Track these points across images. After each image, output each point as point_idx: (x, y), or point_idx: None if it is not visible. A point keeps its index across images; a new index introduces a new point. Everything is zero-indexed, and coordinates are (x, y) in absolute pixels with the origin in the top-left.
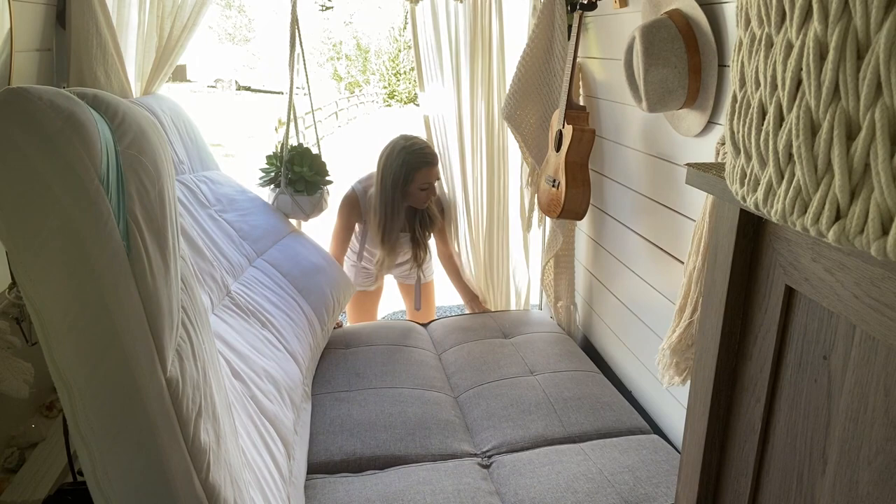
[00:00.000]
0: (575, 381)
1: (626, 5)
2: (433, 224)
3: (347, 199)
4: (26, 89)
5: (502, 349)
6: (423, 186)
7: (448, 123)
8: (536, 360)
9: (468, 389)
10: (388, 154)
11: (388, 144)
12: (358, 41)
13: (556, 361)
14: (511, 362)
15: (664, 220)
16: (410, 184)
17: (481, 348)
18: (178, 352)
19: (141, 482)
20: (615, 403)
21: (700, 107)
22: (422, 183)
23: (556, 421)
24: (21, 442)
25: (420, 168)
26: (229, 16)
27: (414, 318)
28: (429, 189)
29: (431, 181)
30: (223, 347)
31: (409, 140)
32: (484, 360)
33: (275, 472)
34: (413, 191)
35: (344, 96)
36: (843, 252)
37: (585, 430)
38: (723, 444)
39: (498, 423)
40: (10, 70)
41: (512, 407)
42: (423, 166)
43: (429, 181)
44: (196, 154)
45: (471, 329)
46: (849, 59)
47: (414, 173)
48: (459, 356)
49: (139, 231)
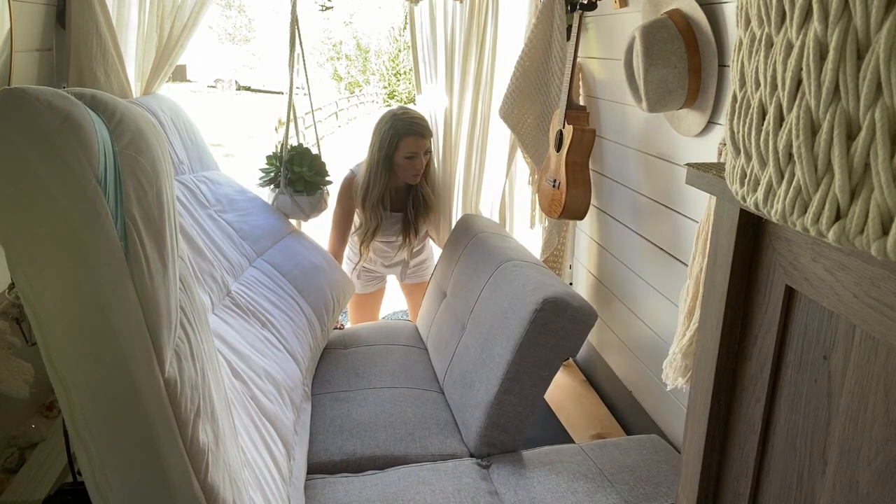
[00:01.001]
0: (489, 301)
1: (626, 5)
2: (427, 206)
3: (345, 182)
4: (24, 89)
5: (444, 315)
6: (408, 155)
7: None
8: (461, 307)
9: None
10: (380, 120)
11: (385, 112)
12: (358, 41)
13: (471, 288)
14: (450, 326)
15: (664, 220)
16: (396, 151)
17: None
18: (177, 352)
19: (139, 483)
20: (519, 287)
21: (700, 107)
22: (406, 151)
23: (485, 366)
24: (21, 442)
25: (406, 135)
26: (229, 16)
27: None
28: (414, 159)
29: (417, 151)
30: (223, 347)
31: (402, 109)
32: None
33: (275, 472)
34: (399, 160)
35: (344, 96)
36: (843, 252)
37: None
38: (723, 444)
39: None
40: (10, 70)
41: (463, 385)
42: (410, 134)
43: (414, 150)
44: (196, 154)
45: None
46: (849, 59)
47: (399, 140)
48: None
49: (137, 231)
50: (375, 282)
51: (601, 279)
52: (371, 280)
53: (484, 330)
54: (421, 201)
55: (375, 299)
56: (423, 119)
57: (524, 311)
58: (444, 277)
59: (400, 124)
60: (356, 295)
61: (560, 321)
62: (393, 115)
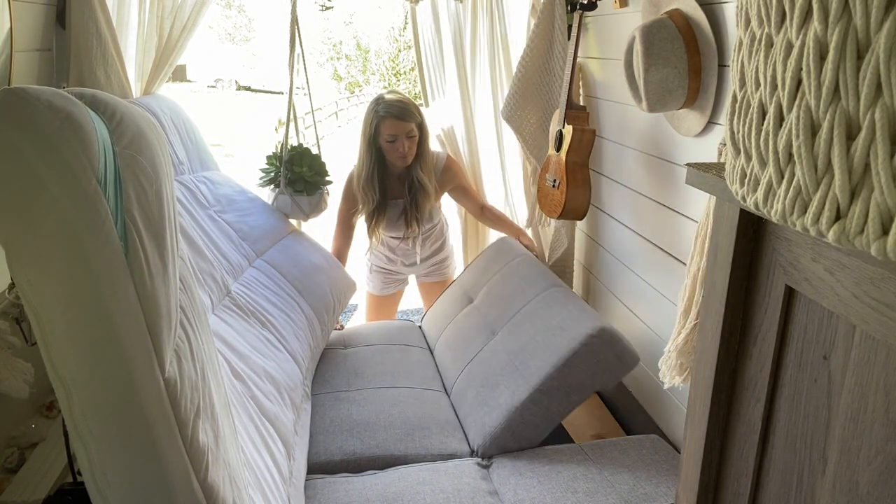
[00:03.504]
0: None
1: (626, 5)
2: (424, 190)
3: (348, 176)
4: (24, 89)
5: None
6: (389, 139)
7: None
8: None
9: (454, 383)
10: (368, 104)
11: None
12: (358, 41)
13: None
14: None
15: (664, 220)
16: (378, 135)
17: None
18: (177, 352)
19: (139, 482)
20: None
21: (700, 107)
22: (387, 135)
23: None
24: (21, 442)
25: (385, 118)
26: (229, 16)
27: None
28: (396, 142)
29: (397, 133)
30: (223, 347)
31: (389, 92)
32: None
33: (275, 472)
34: (382, 143)
35: (344, 96)
36: (843, 252)
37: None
38: (723, 444)
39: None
40: (10, 70)
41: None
42: (388, 117)
43: (394, 133)
44: (196, 154)
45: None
46: (849, 59)
47: (379, 123)
48: (444, 347)
49: (137, 231)
50: (396, 284)
51: (600, 279)
52: (392, 282)
53: (522, 340)
54: (417, 186)
55: (393, 301)
56: (405, 102)
57: (576, 332)
58: (474, 286)
59: (381, 107)
60: (374, 296)
61: (607, 353)
62: (376, 100)
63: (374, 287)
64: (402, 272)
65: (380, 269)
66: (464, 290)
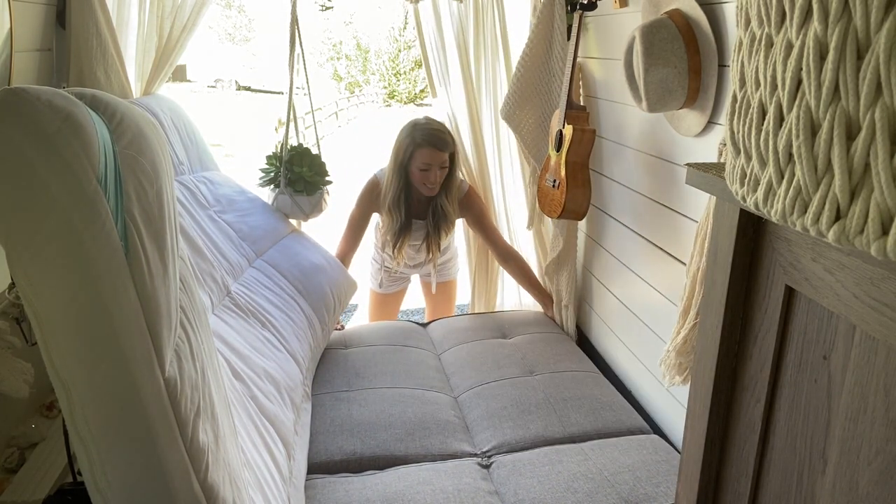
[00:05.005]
0: (575, 382)
1: (626, 5)
2: (446, 219)
3: (368, 184)
4: (24, 89)
5: (502, 349)
6: (422, 167)
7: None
8: (536, 361)
9: (468, 390)
10: (403, 127)
11: (410, 120)
12: (358, 41)
13: (556, 362)
14: (511, 362)
15: (664, 220)
16: (411, 161)
17: (481, 348)
18: (177, 352)
19: (139, 482)
20: (615, 403)
21: (700, 107)
22: (420, 163)
23: (556, 421)
24: (21, 442)
25: (421, 146)
26: (229, 16)
27: (434, 316)
28: (428, 171)
29: (431, 163)
30: (223, 347)
31: (427, 120)
32: (483, 360)
33: (275, 472)
34: (413, 170)
35: (344, 96)
36: (843, 252)
37: (585, 430)
38: (723, 444)
39: (498, 423)
40: (10, 70)
41: (512, 407)
42: (425, 146)
43: (428, 162)
44: (196, 154)
45: (470, 329)
46: (849, 59)
47: (415, 150)
48: (459, 356)
49: (137, 231)
50: (399, 282)
51: (600, 278)
52: (395, 280)
53: (566, 395)
54: (440, 213)
55: (396, 299)
56: (443, 132)
57: (626, 420)
58: (513, 327)
59: (418, 134)
60: (377, 294)
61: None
62: (414, 125)
63: (379, 285)
64: (407, 272)
65: (385, 268)
66: (498, 324)
